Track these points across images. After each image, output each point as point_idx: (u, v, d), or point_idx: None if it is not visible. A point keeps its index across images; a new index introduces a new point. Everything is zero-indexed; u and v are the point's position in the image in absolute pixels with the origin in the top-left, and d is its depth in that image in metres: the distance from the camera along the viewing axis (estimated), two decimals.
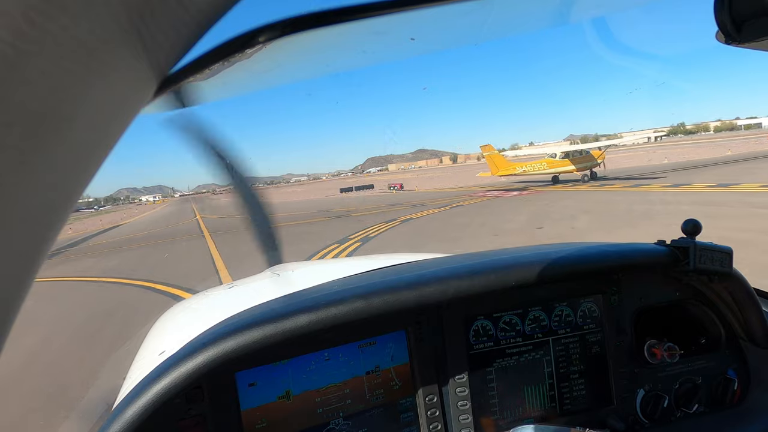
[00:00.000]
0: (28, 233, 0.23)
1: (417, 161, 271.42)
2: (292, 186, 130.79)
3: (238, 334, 0.85)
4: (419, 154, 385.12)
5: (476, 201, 18.33)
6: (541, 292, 1.12)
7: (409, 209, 17.93)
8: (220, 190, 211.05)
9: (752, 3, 0.47)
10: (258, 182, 1.65)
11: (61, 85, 0.20)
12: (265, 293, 1.28)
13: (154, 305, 6.77)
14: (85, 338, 6.11)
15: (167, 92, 0.30)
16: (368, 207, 21.69)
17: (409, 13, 0.39)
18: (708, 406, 1.17)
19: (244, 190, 1.50)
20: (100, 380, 4.39)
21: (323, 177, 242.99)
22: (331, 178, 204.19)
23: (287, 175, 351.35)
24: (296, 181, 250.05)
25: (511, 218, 12.38)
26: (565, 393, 1.12)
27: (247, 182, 1.50)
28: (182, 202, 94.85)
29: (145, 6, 0.21)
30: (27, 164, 0.20)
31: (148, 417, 0.77)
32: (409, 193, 31.12)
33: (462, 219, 13.57)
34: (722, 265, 1.07)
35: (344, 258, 2.18)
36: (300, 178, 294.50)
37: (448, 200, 19.94)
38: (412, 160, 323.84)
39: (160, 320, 1.75)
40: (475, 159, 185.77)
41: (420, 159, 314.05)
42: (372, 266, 1.40)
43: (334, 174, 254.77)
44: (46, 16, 0.17)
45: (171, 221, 31.28)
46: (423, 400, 1.04)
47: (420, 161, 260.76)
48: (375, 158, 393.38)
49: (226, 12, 0.26)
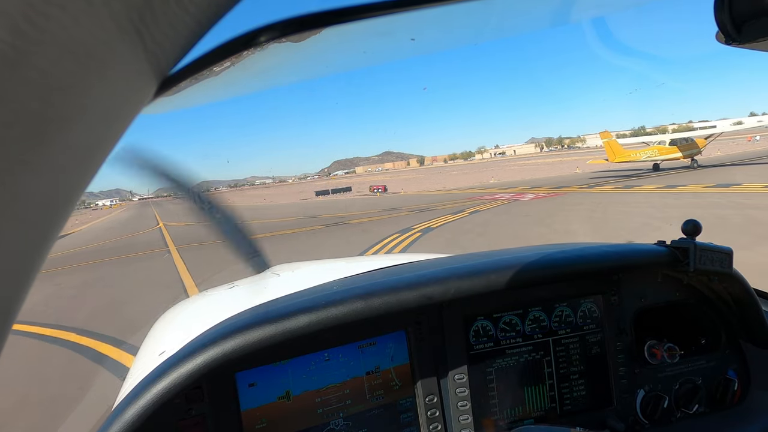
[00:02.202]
0: (29, 233, 0.23)
1: (383, 164, 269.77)
2: (257, 189, 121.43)
3: (238, 334, 0.85)
4: (385, 156, 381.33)
5: (494, 205, 15.48)
6: (541, 292, 1.11)
7: (415, 215, 15.36)
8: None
9: (752, 3, 0.46)
10: (220, 185, 1.62)
11: (61, 85, 0.20)
12: (265, 293, 1.28)
13: (83, 383, 4.26)
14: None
15: (167, 92, 0.30)
16: (362, 212, 19.06)
17: (410, 13, 0.39)
18: (708, 407, 1.17)
19: (203, 206, 1.48)
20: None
21: (289, 180, 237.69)
22: (297, 180, 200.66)
23: (251, 178, 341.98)
24: (261, 183, 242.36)
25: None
26: (565, 393, 1.12)
27: (202, 196, 1.47)
28: (142, 206, 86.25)
29: (145, 6, 0.21)
30: (27, 164, 0.20)
31: (148, 417, 0.77)
32: (396, 196, 28.50)
33: (511, 230, 10.37)
34: (722, 265, 1.07)
35: (344, 258, 2.18)
36: (265, 180, 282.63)
37: (455, 204, 17.52)
38: (378, 162, 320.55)
39: (160, 320, 1.75)
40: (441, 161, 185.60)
41: (386, 161, 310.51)
42: (372, 266, 1.40)
43: (300, 177, 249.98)
44: (46, 16, 0.17)
45: (128, 229, 26.84)
46: (423, 400, 1.04)
47: (386, 164, 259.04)
48: (341, 161, 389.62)
49: (226, 12, 0.26)
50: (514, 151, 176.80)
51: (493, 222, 11.99)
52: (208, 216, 1.50)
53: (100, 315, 7.09)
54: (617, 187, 17.12)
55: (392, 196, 28.62)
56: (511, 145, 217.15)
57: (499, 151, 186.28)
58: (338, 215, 19.21)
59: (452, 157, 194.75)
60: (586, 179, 21.91)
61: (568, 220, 10.65)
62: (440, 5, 0.40)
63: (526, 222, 11.36)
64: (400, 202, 22.65)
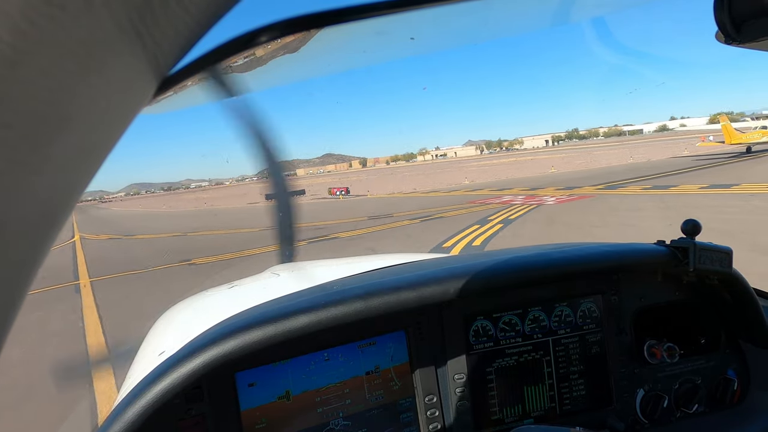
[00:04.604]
0: (29, 233, 0.23)
1: (325, 165, 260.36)
2: (193, 192, 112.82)
3: (238, 334, 0.85)
4: (326, 158, 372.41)
5: (524, 211, 12.30)
6: (540, 292, 1.12)
7: (422, 225, 12.09)
8: (109, 197, 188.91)
9: (752, 3, 0.47)
10: (152, 188, 1.59)
11: (61, 85, 0.20)
12: (265, 293, 1.28)
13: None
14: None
15: (167, 92, 0.30)
16: (342, 220, 15.07)
17: (409, 13, 0.39)
18: (708, 406, 1.17)
19: (277, 176, 1.48)
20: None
21: (227, 182, 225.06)
22: (235, 183, 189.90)
23: (186, 180, 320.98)
24: (197, 186, 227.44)
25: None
26: (565, 393, 1.12)
27: (280, 168, 1.48)
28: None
29: (145, 6, 0.21)
30: (27, 164, 0.20)
31: (148, 417, 0.77)
32: (364, 199, 24.49)
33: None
34: (722, 265, 1.07)
35: (344, 258, 2.18)
36: (201, 183, 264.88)
37: (464, 210, 14.00)
38: (319, 164, 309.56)
39: (160, 320, 1.75)
40: (383, 163, 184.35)
41: (328, 164, 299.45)
42: (372, 266, 1.40)
43: (238, 179, 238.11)
44: (46, 16, 0.17)
45: None
46: (423, 400, 1.04)
47: (328, 165, 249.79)
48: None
49: (227, 12, 0.26)
50: (455, 153, 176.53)
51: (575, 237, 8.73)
52: (278, 195, 1.50)
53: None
54: (645, 187, 14.97)
55: (360, 200, 24.88)
56: (452, 147, 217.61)
57: (440, 153, 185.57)
58: (312, 225, 14.78)
59: (394, 159, 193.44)
60: (586, 179, 21.01)
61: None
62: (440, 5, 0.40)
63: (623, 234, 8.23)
64: (378, 206, 18.67)
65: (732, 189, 12.42)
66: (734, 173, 16.13)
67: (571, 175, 24.25)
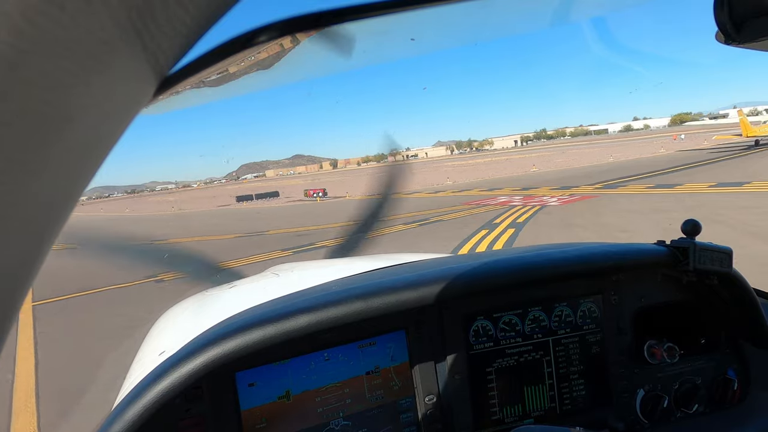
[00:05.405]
0: (28, 233, 0.23)
1: (295, 167, 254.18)
2: (159, 194, 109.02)
3: (238, 334, 0.86)
4: (296, 159, 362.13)
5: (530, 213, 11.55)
6: (540, 292, 1.11)
7: (426, 229, 11.20)
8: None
9: (752, 3, 0.47)
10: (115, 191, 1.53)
11: (61, 85, 0.20)
12: (265, 293, 1.28)
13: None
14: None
15: (167, 92, 0.30)
16: (332, 224, 12.63)
17: (409, 13, 0.39)
18: (708, 407, 1.17)
19: (394, 168, 1.49)
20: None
21: (194, 185, 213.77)
22: (203, 185, 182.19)
23: (151, 183, 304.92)
24: (162, 189, 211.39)
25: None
26: (565, 393, 1.12)
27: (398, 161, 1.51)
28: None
29: (145, 6, 0.21)
30: (27, 164, 0.20)
31: (148, 417, 0.77)
32: (343, 201, 22.84)
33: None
34: (722, 265, 1.07)
35: (344, 258, 2.18)
36: (167, 186, 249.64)
37: (461, 212, 13.49)
38: (289, 166, 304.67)
39: (160, 320, 1.75)
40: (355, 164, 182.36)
41: (298, 165, 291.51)
42: (372, 266, 1.40)
43: (206, 182, 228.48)
44: (45, 16, 0.17)
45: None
46: (423, 400, 1.04)
47: (298, 167, 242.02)
48: (250, 164, 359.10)
49: (226, 12, 0.26)
50: (426, 153, 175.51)
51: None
52: (386, 189, 1.50)
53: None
54: (648, 185, 14.40)
55: (339, 202, 23.42)
56: (422, 147, 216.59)
57: (411, 154, 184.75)
58: (298, 230, 13.52)
59: (365, 160, 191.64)
60: (577, 177, 20.11)
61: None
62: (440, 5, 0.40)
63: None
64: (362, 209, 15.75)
65: (744, 187, 11.59)
66: (735, 170, 15.60)
67: (558, 175, 23.52)
